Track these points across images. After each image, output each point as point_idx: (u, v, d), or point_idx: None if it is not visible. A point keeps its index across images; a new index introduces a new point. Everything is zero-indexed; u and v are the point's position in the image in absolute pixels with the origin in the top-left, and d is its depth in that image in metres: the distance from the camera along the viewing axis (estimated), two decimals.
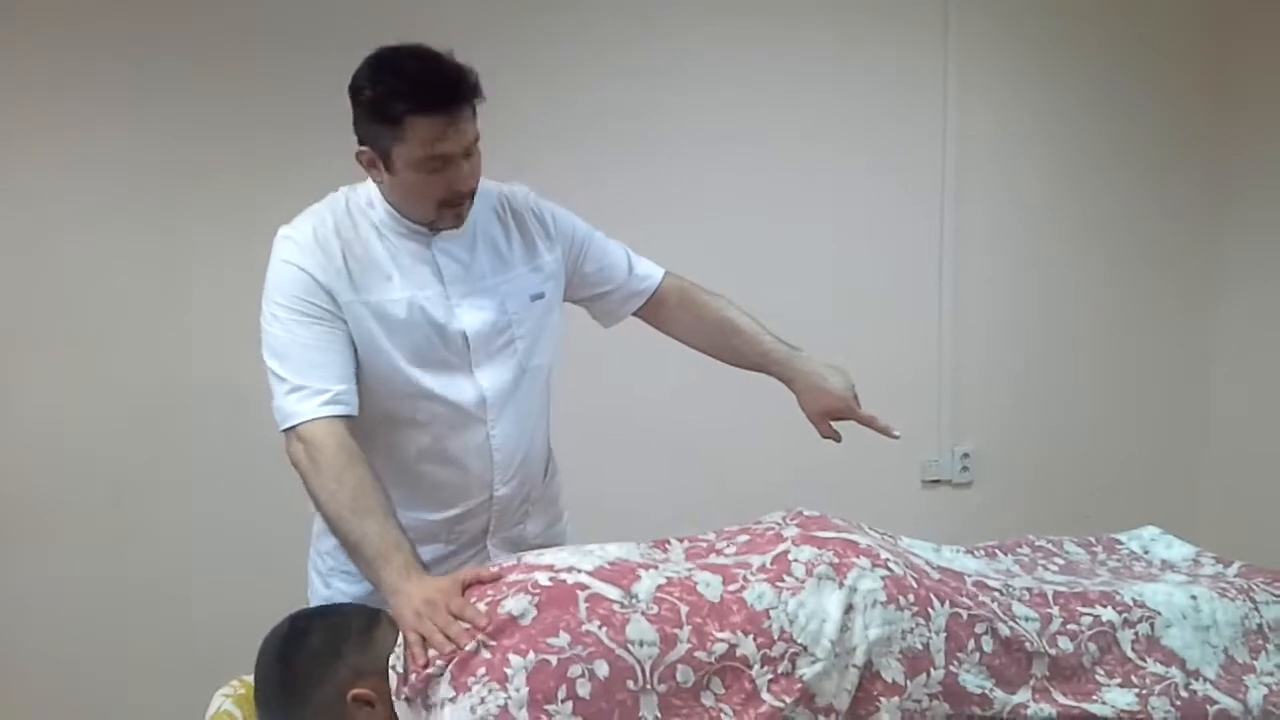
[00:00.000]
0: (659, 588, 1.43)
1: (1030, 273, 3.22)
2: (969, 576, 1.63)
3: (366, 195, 1.71)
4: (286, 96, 2.61)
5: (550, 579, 1.42)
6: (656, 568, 1.49)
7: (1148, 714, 1.55)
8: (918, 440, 3.17)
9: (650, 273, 1.94)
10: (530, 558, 1.53)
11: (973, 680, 1.49)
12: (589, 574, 1.44)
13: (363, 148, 1.62)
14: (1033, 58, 3.16)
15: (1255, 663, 1.68)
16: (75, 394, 2.55)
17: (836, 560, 1.50)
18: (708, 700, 1.39)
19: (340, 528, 1.52)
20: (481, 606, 1.39)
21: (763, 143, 2.95)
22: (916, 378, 3.15)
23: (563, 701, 1.30)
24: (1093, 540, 2.05)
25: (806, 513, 1.67)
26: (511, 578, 1.45)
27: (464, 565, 1.75)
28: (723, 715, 1.38)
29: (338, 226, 1.67)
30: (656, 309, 1.95)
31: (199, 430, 2.61)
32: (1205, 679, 1.62)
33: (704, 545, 1.66)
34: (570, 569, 1.45)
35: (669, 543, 1.67)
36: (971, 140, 3.11)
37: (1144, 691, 1.57)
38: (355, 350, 1.63)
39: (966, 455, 3.19)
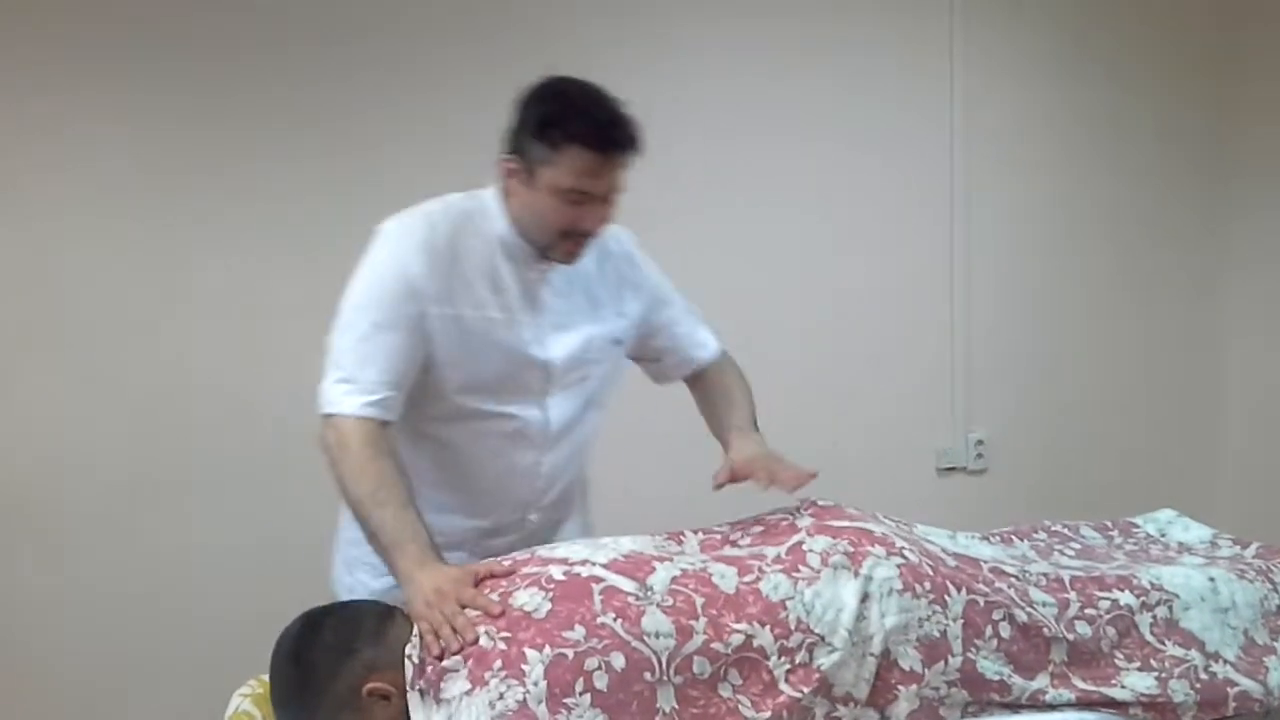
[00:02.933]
0: (674, 580, 1.43)
1: (1041, 260, 3.21)
2: (985, 563, 1.63)
3: (487, 207, 1.69)
4: (288, 96, 2.61)
5: (564, 573, 1.42)
6: (671, 560, 1.49)
7: (1167, 697, 1.54)
8: (932, 428, 3.16)
9: (706, 344, 1.93)
10: (544, 551, 1.54)
11: (991, 667, 1.49)
12: (603, 567, 1.44)
13: (510, 156, 1.62)
14: (1038, 43, 3.16)
15: (1275, 644, 1.68)
16: (78, 396, 2.54)
17: (851, 549, 1.49)
18: (725, 691, 1.39)
19: (361, 516, 1.55)
20: (494, 598, 1.40)
21: (773, 136, 2.94)
22: (930, 366, 3.14)
23: (581, 694, 1.30)
24: (1109, 524, 2.04)
25: (820, 502, 1.67)
26: (525, 570, 1.45)
27: None
28: (740, 706, 1.38)
29: (452, 234, 1.65)
30: (698, 384, 1.95)
31: (205, 430, 2.61)
32: (1225, 661, 1.62)
33: (718, 537, 1.66)
34: (584, 562, 1.45)
35: (684, 535, 1.66)
36: (980, 132, 3.10)
37: (1163, 674, 1.56)
38: (428, 358, 1.63)
39: (980, 442, 3.19)
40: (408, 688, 1.37)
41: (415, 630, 1.41)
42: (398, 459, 1.58)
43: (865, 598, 1.45)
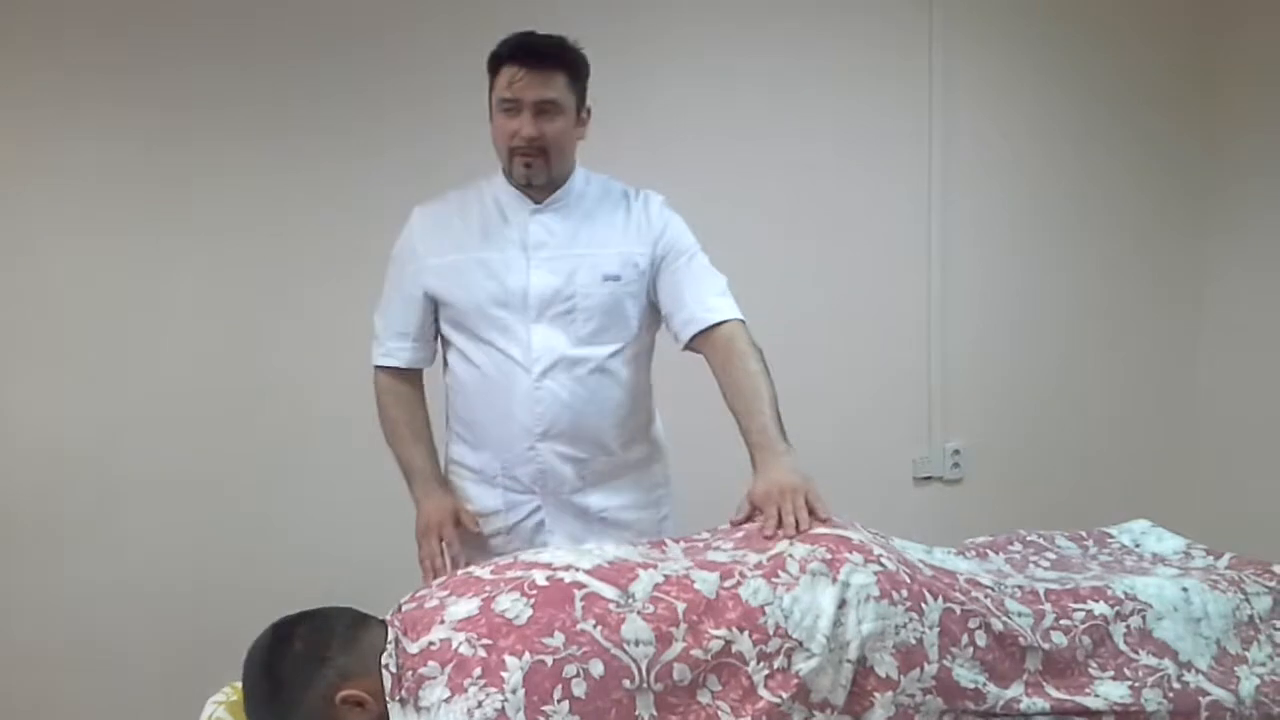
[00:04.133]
0: (656, 586, 1.44)
1: (1018, 269, 3.24)
2: (961, 574, 1.64)
3: (494, 173, 1.96)
4: (279, 101, 2.61)
5: (547, 578, 1.43)
6: (655, 567, 1.49)
7: (1140, 706, 1.55)
8: (909, 437, 3.18)
9: (715, 308, 1.89)
10: (528, 555, 1.54)
11: (966, 675, 1.50)
12: (587, 573, 1.45)
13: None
14: (1017, 51, 3.18)
15: (1247, 654, 1.69)
16: (72, 398, 2.54)
17: (830, 556, 1.50)
18: (704, 698, 1.39)
19: (392, 449, 1.99)
20: (476, 603, 1.40)
21: (749, 140, 2.95)
22: (907, 375, 3.16)
23: (559, 702, 1.31)
24: (1084, 534, 2.06)
25: None
26: (509, 574, 1.45)
27: (521, 525, 1.98)
28: (720, 713, 1.39)
29: (458, 198, 1.97)
30: (708, 351, 1.89)
31: (195, 434, 2.60)
32: (1198, 670, 1.63)
33: (700, 544, 1.66)
34: (568, 567, 1.46)
35: (665, 543, 1.68)
36: (958, 137, 3.12)
37: (1136, 684, 1.58)
38: (432, 305, 1.94)
39: (957, 452, 3.21)
40: (388, 698, 1.36)
41: (390, 637, 1.40)
42: (414, 400, 2.00)
43: (843, 604, 1.45)
